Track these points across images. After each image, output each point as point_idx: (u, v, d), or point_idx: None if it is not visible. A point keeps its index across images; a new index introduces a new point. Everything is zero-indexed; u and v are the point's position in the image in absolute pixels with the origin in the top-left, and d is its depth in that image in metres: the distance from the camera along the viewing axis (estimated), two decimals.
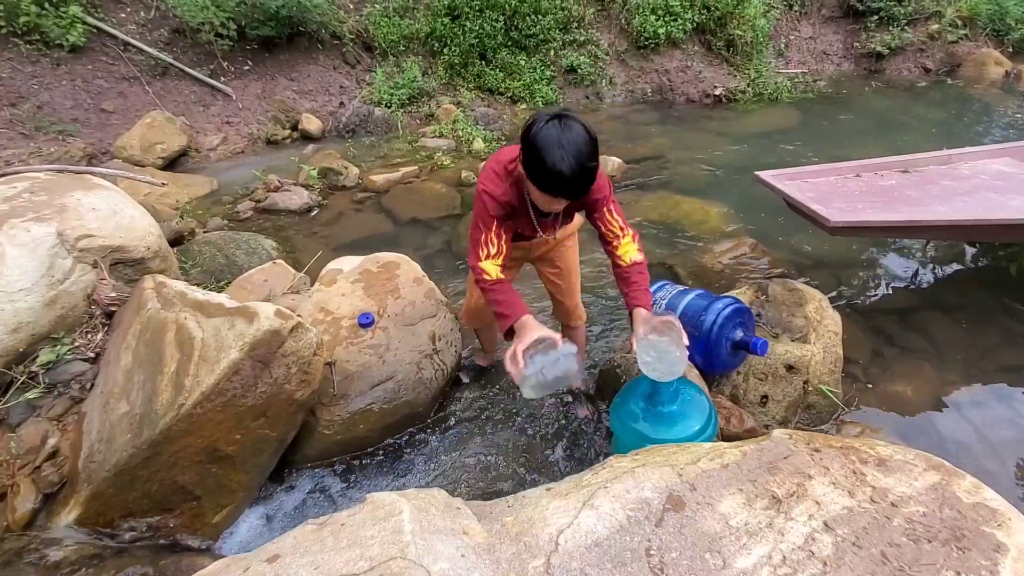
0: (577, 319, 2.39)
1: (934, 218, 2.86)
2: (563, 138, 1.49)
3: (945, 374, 2.71)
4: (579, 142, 1.49)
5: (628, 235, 1.83)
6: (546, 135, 1.50)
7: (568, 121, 1.51)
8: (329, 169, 4.80)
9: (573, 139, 1.49)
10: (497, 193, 1.73)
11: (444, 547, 1.15)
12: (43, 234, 2.13)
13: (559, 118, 1.52)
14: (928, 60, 8.16)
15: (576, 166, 1.49)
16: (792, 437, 1.42)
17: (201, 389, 1.78)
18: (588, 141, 1.52)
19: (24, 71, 5.09)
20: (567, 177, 1.50)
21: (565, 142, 1.48)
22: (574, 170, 1.50)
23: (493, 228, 1.76)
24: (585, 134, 1.51)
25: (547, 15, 6.85)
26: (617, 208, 1.84)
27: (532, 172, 1.56)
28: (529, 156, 1.54)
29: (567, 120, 1.51)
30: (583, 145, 1.50)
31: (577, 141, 1.49)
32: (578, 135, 1.50)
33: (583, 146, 1.50)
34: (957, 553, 1.08)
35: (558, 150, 1.48)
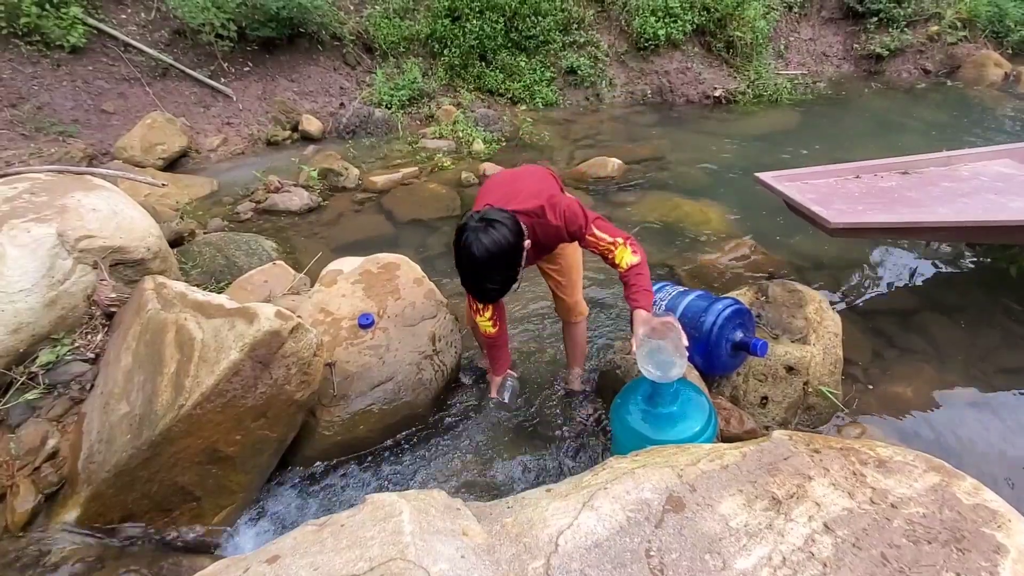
0: (577, 315, 2.39)
1: (934, 219, 2.86)
2: (465, 254, 1.67)
3: (945, 375, 2.71)
4: (482, 260, 1.66)
5: (620, 244, 1.85)
6: (458, 244, 1.69)
7: (479, 235, 1.65)
8: (329, 170, 4.80)
9: (476, 257, 1.66)
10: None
11: (444, 548, 1.15)
12: (43, 235, 2.14)
13: (478, 228, 1.66)
14: (928, 62, 8.16)
15: (472, 284, 1.74)
16: (792, 438, 1.42)
17: (201, 390, 1.78)
18: (491, 260, 1.66)
19: (25, 72, 5.10)
20: (468, 290, 1.78)
21: (467, 260, 1.68)
22: (471, 287, 1.75)
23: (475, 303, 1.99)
24: (489, 252, 1.65)
25: (547, 16, 6.86)
26: (601, 225, 1.87)
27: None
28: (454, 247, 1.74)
29: (480, 233, 1.65)
30: (485, 264, 1.66)
31: (480, 259, 1.66)
32: (482, 253, 1.65)
33: (485, 264, 1.67)
34: (957, 554, 1.08)
35: (461, 265, 1.71)
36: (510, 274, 1.73)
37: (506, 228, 1.67)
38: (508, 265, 1.70)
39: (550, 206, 1.84)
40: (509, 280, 1.75)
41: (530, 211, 1.84)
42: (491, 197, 1.91)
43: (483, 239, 1.64)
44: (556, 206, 1.84)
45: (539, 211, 1.84)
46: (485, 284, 1.71)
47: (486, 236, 1.64)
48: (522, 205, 1.83)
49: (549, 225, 1.85)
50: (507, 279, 1.74)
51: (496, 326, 2.07)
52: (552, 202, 1.85)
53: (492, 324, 2.06)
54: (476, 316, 2.05)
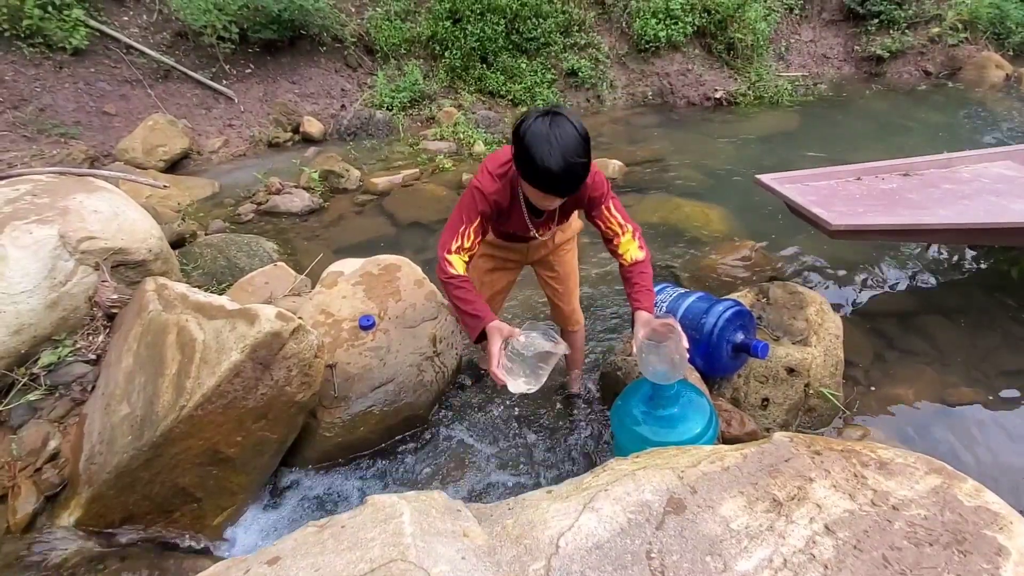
0: (575, 323, 2.38)
1: (935, 221, 2.86)
2: (552, 134, 1.49)
3: (946, 377, 2.71)
4: (568, 139, 1.49)
5: (628, 232, 1.82)
6: (536, 132, 1.50)
7: (558, 118, 1.51)
8: (330, 172, 4.80)
9: (562, 135, 1.49)
10: (489, 190, 1.73)
11: (445, 549, 1.15)
12: (45, 236, 2.14)
13: (549, 115, 1.52)
14: (929, 63, 8.16)
15: (564, 163, 1.49)
16: (793, 440, 1.42)
17: (202, 391, 1.78)
18: (578, 138, 1.51)
19: (27, 74, 5.11)
20: (556, 173, 1.50)
21: (554, 138, 1.48)
22: (562, 167, 1.50)
23: (475, 223, 1.74)
24: (575, 131, 1.51)
25: (548, 19, 6.87)
26: (617, 205, 1.82)
27: (523, 169, 1.56)
28: (520, 153, 1.54)
29: (557, 117, 1.51)
30: (572, 142, 1.50)
31: (566, 138, 1.49)
32: (568, 132, 1.50)
33: (572, 143, 1.50)
34: (958, 557, 1.08)
35: (546, 146, 1.48)
36: (589, 161, 1.58)
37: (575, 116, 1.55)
38: (589, 148, 1.55)
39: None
40: (588, 168, 1.59)
41: None
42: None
43: (565, 117, 1.51)
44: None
45: None
46: (576, 160, 1.51)
47: (567, 115, 1.52)
48: None
49: None
50: (588, 165, 1.58)
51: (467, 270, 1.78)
52: None
53: (465, 267, 1.75)
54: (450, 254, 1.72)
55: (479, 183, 1.74)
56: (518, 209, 1.82)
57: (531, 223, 1.88)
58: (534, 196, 1.65)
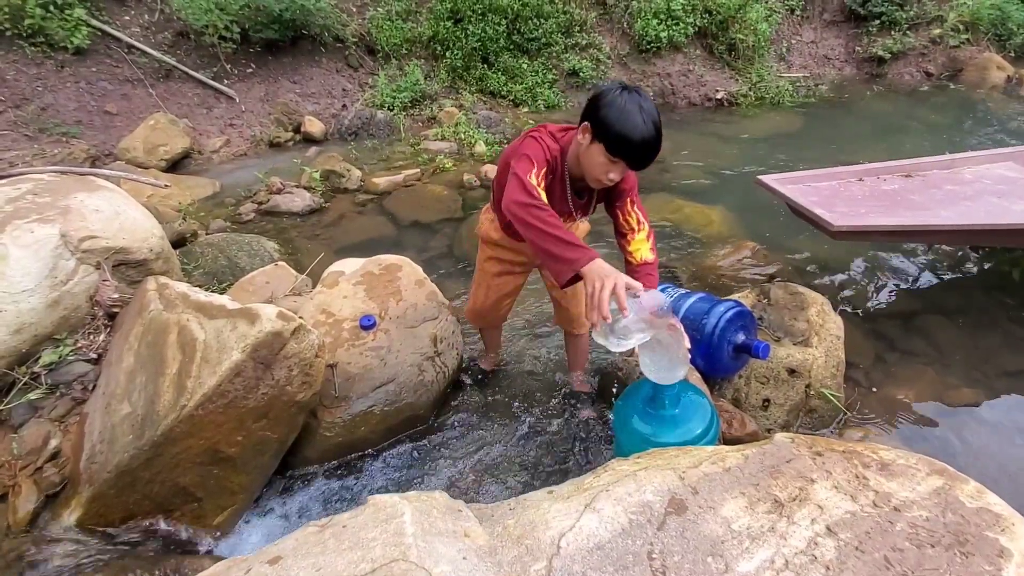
0: (580, 327, 2.37)
1: (937, 223, 2.86)
2: (643, 104, 1.54)
3: (948, 378, 2.70)
4: (654, 110, 1.57)
5: (644, 230, 1.82)
6: (625, 100, 1.54)
7: (641, 92, 1.58)
8: (331, 171, 4.81)
9: (650, 107, 1.56)
10: (551, 145, 1.71)
11: (446, 549, 1.15)
12: (46, 235, 2.14)
13: (631, 89, 1.58)
14: (930, 64, 8.15)
15: (654, 130, 1.54)
16: (794, 441, 1.42)
17: (203, 390, 1.78)
18: (658, 111, 1.58)
19: (28, 73, 5.12)
20: (648, 140, 1.53)
21: (644, 107, 1.54)
22: (652, 134, 1.54)
23: (543, 168, 1.63)
24: (651, 103, 1.58)
25: (549, 19, 6.87)
26: (639, 202, 1.84)
27: (609, 134, 1.55)
28: (607, 119, 1.54)
29: (640, 91, 1.58)
30: (657, 113, 1.57)
31: (652, 109, 1.56)
32: (652, 104, 1.57)
33: (657, 114, 1.57)
34: (960, 558, 1.08)
35: (639, 114, 1.52)
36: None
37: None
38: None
39: None
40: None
41: None
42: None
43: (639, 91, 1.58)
44: None
45: None
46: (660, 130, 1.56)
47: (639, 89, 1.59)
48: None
49: None
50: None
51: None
52: None
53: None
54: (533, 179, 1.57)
55: (539, 137, 1.69)
56: (561, 187, 1.79)
57: (573, 203, 1.85)
58: (602, 168, 1.61)
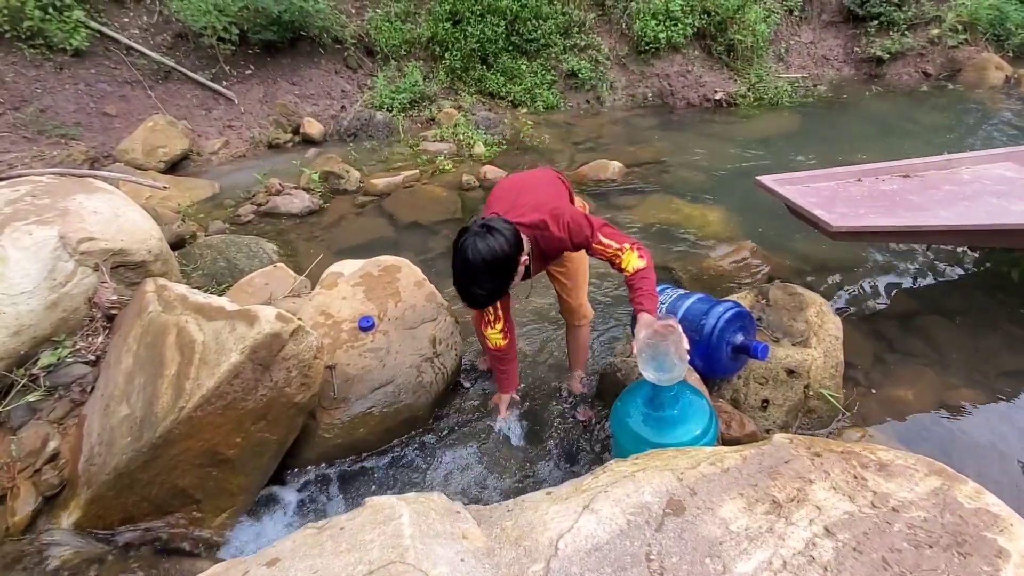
0: (581, 318, 2.40)
1: (936, 223, 2.86)
2: (460, 255, 1.68)
3: (946, 379, 2.70)
4: (475, 264, 1.66)
5: (627, 249, 1.84)
6: (457, 245, 1.70)
7: (477, 241, 1.66)
8: (330, 173, 4.81)
9: (469, 261, 1.66)
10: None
11: (444, 551, 1.15)
12: (45, 237, 2.14)
13: (477, 234, 1.68)
14: (928, 65, 8.15)
15: (460, 284, 1.72)
16: (793, 441, 1.42)
17: (201, 392, 1.78)
18: (483, 266, 1.67)
19: (27, 75, 5.12)
20: (457, 287, 1.74)
21: (460, 261, 1.68)
22: (458, 286, 1.73)
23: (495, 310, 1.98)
24: (481, 258, 1.66)
25: (548, 20, 6.88)
26: (607, 232, 1.86)
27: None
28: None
29: (478, 239, 1.66)
30: (476, 269, 1.67)
31: (473, 262, 1.66)
32: (474, 259, 1.66)
33: (476, 270, 1.67)
34: (959, 559, 1.08)
35: (454, 265, 1.71)
36: (501, 284, 1.76)
37: (503, 238, 1.69)
38: (500, 274, 1.72)
39: (552, 219, 1.83)
40: (498, 290, 1.77)
41: (533, 224, 1.84)
42: (498, 206, 1.93)
43: (479, 244, 1.66)
44: (559, 218, 1.84)
45: (542, 224, 1.84)
46: (474, 288, 1.72)
47: (483, 242, 1.66)
48: (525, 218, 1.84)
49: (553, 237, 1.85)
50: (496, 288, 1.76)
51: (506, 339, 2.09)
52: (555, 214, 1.84)
53: (503, 336, 2.07)
54: (486, 329, 2.06)
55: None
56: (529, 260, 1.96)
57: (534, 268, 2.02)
58: None
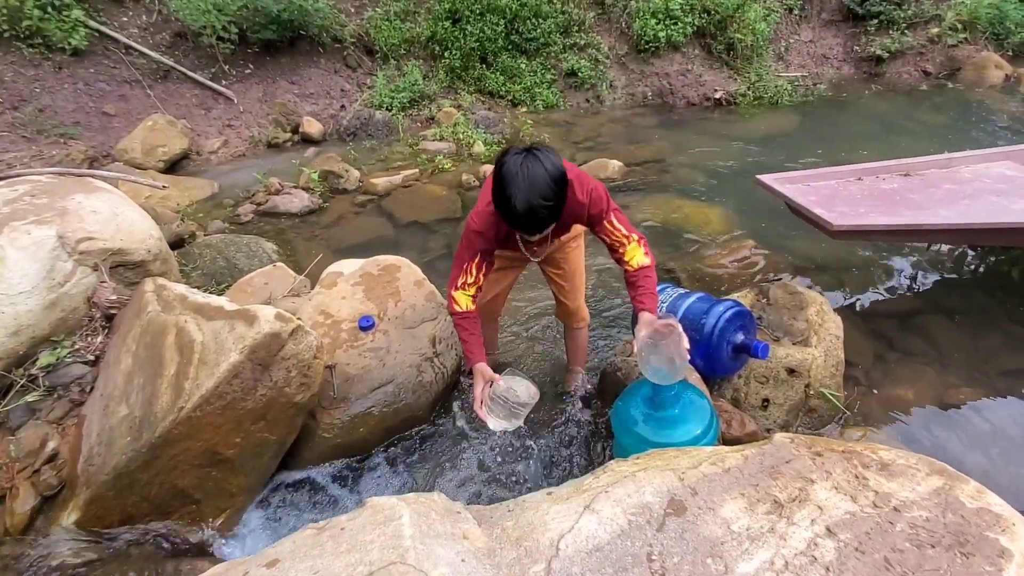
0: (579, 321, 2.39)
1: (937, 222, 2.86)
2: (521, 173, 1.51)
3: (947, 378, 2.70)
4: (537, 180, 1.51)
5: (634, 241, 1.82)
6: (508, 169, 1.53)
7: (532, 157, 1.53)
8: (330, 172, 4.80)
9: (532, 176, 1.51)
10: (479, 228, 1.81)
11: (444, 552, 1.15)
12: (44, 237, 2.13)
13: (528, 152, 1.55)
14: (928, 63, 8.15)
15: (527, 204, 1.52)
16: (794, 441, 1.41)
17: (201, 392, 1.77)
18: (547, 180, 1.53)
19: (26, 74, 5.11)
20: (519, 213, 1.53)
21: (522, 178, 1.51)
22: (525, 208, 1.52)
23: (475, 259, 1.84)
24: (545, 173, 1.53)
25: (548, 19, 6.87)
26: (619, 217, 1.83)
27: (495, 203, 1.61)
28: (494, 188, 1.59)
29: (532, 156, 1.54)
30: (541, 183, 1.52)
31: (536, 178, 1.51)
32: (538, 173, 1.52)
33: (540, 184, 1.52)
34: (961, 559, 1.07)
35: (513, 186, 1.52)
36: (562, 201, 1.60)
37: (555, 156, 1.57)
38: (560, 190, 1.56)
39: (578, 180, 1.75)
40: (559, 209, 1.60)
41: None
42: None
43: (538, 156, 1.53)
44: (584, 183, 1.77)
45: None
46: (539, 203, 1.52)
47: (539, 155, 1.54)
48: None
49: (575, 201, 1.74)
50: (559, 205, 1.59)
51: (475, 303, 1.91)
52: (581, 179, 1.77)
53: (472, 301, 1.88)
54: (456, 291, 1.85)
55: (471, 221, 1.84)
56: (508, 236, 1.89)
57: (524, 247, 1.97)
58: (507, 230, 1.74)
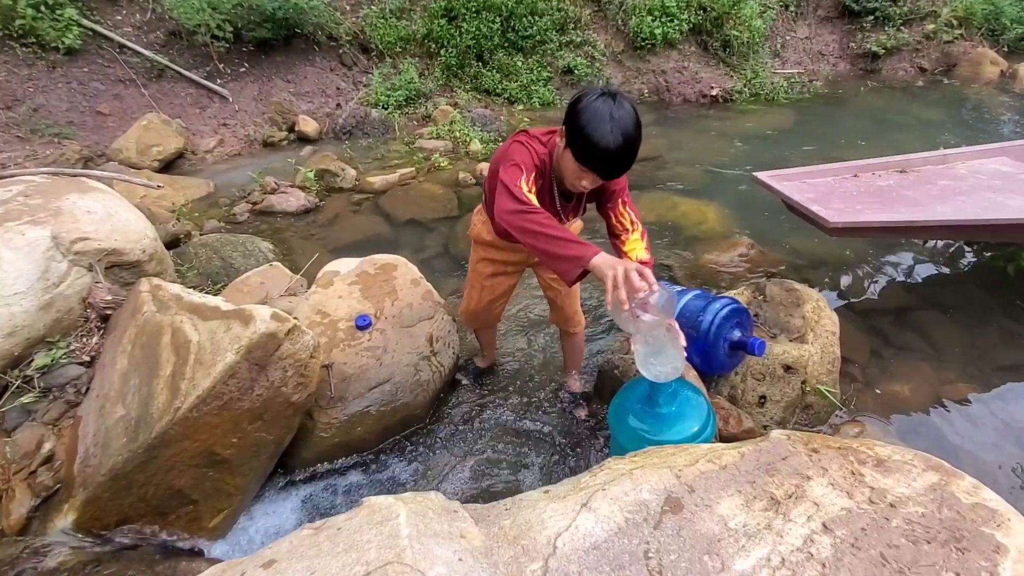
0: (576, 325, 2.36)
1: (933, 218, 2.86)
2: (614, 112, 1.50)
3: (943, 374, 2.71)
4: (628, 119, 1.51)
5: (638, 231, 1.80)
6: (598, 107, 1.50)
7: (620, 98, 1.53)
8: (326, 171, 4.79)
9: (623, 115, 1.50)
10: (538, 149, 1.70)
11: (441, 551, 1.15)
12: (38, 237, 2.12)
13: (611, 94, 1.53)
14: (924, 60, 8.17)
15: (623, 141, 1.50)
16: (790, 438, 1.42)
17: (197, 392, 1.77)
18: (635, 120, 1.53)
19: (20, 74, 5.08)
20: (613, 151, 1.50)
21: (616, 116, 1.49)
22: (619, 144, 1.50)
23: (532, 174, 1.63)
24: (634, 113, 1.53)
25: (544, 16, 6.86)
26: (631, 203, 1.82)
27: (577, 142, 1.54)
28: (577, 126, 1.53)
29: (619, 97, 1.53)
30: (631, 122, 1.52)
31: (626, 118, 1.51)
32: (628, 112, 1.52)
33: (631, 123, 1.52)
34: (956, 554, 1.08)
35: (608, 123, 1.49)
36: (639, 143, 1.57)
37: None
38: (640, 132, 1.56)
39: None
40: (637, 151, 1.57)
41: None
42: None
43: (623, 99, 1.53)
44: None
45: None
46: (634, 139, 1.52)
47: (624, 99, 1.53)
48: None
49: None
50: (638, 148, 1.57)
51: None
52: None
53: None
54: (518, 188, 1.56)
55: (526, 141, 1.69)
56: (549, 190, 1.79)
57: (561, 206, 1.84)
58: (574, 175, 1.62)
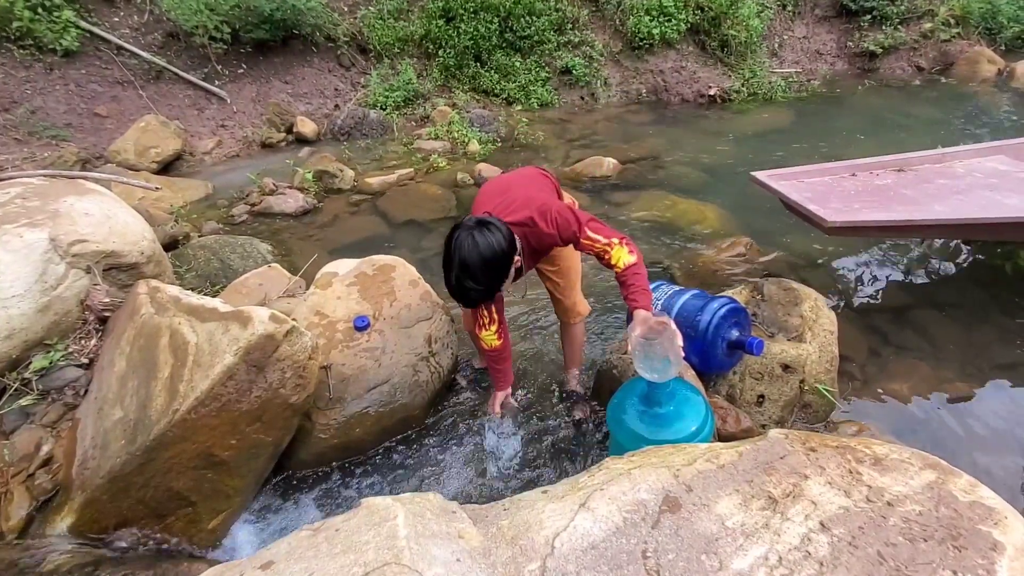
0: (575, 316, 2.38)
1: (931, 217, 2.87)
2: (456, 250, 1.64)
3: (941, 372, 2.71)
4: (470, 260, 1.63)
5: (616, 245, 1.83)
6: (450, 241, 1.67)
7: (474, 235, 1.63)
8: (324, 172, 4.79)
9: (467, 256, 1.63)
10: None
11: (439, 551, 1.15)
12: (36, 240, 2.12)
13: (472, 228, 1.65)
14: (921, 59, 8.18)
15: (455, 282, 1.67)
16: (788, 437, 1.42)
17: (195, 394, 1.77)
18: (482, 264, 1.64)
19: (17, 76, 5.08)
20: (449, 286, 1.70)
21: (456, 256, 1.64)
22: (452, 285, 1.69)
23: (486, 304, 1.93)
24: (480, 256, 1.63)
25: (541, 17, 6.87)
26: (595, 227, 1.86)
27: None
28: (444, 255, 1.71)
29: (475, 233, 1.63)
30: (472, 263, 1.63)
31: (469, 259, 1.63)
32: (472, 254, 1.62)
33: (472, 264, 1.63)
34: (954, 552, 1.08)
35: (448, 260, 1.67)
36: (495, 282, 1.73)
37: (500, 235, 1.68)
38: (495, 272, 1.69)
39: (540, 215, 1.83)
40: (493, 289, 1.74)
41: (522, 221, 1.84)
42: (485, 207, 1.92)
43: (477, 239, 1.64)
44: (547, 214, 1.84)
45: (530, 221, 1.84)
46: (469, 284, 1.67)
47: (480, 236, 1.64)
48: (514, 216, 1.84)
49: (542, 233, 1.85)
50: (491, 287, 1.73)
51: (501, 339, 2.09)
52: (543, 210, 1.84)
53: (497, 337, 2.07)
54: (481, 331, 2.06)
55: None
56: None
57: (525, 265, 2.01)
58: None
